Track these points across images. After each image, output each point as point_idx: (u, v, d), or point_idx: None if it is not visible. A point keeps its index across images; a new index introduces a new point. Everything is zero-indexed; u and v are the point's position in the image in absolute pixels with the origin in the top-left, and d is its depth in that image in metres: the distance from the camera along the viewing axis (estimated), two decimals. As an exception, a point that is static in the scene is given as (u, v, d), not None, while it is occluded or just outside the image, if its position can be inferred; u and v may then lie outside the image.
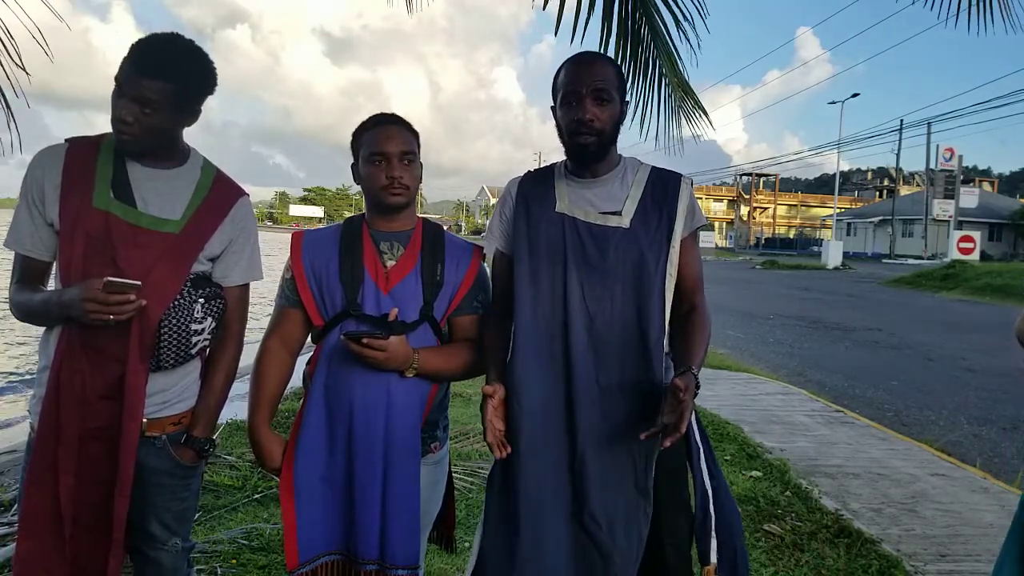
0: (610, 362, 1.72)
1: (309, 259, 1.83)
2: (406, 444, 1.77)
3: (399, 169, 1.77)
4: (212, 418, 1.85)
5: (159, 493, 1.80)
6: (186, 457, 1.81)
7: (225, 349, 1.86)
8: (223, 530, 3.25)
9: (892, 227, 43.74)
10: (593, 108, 1.73)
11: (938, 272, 23.59)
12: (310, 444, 1.78)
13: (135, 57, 1.62)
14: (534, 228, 1.80)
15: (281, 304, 1.89)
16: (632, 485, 1.72)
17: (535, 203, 1.83)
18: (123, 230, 1.67)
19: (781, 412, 6.08)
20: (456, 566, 3.04)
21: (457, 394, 6.01)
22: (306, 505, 1.78)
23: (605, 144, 1.77)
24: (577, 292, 1.74)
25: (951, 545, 3.47)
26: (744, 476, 4.26)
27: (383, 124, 1.81)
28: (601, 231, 1.76)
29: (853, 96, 41.28)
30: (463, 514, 3.54)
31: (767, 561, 3.17)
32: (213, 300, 1.78)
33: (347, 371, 1.75)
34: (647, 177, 1.83)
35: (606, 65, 1.80)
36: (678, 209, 1.79)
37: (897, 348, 10.61)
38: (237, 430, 4.93)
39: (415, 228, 1.87)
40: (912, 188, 64.84)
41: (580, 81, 1.74)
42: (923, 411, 6.69)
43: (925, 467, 4.69)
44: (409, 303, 1.79)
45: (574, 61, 1.80)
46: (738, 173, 69.01)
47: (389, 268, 1.80)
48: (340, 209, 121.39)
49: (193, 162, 1.82)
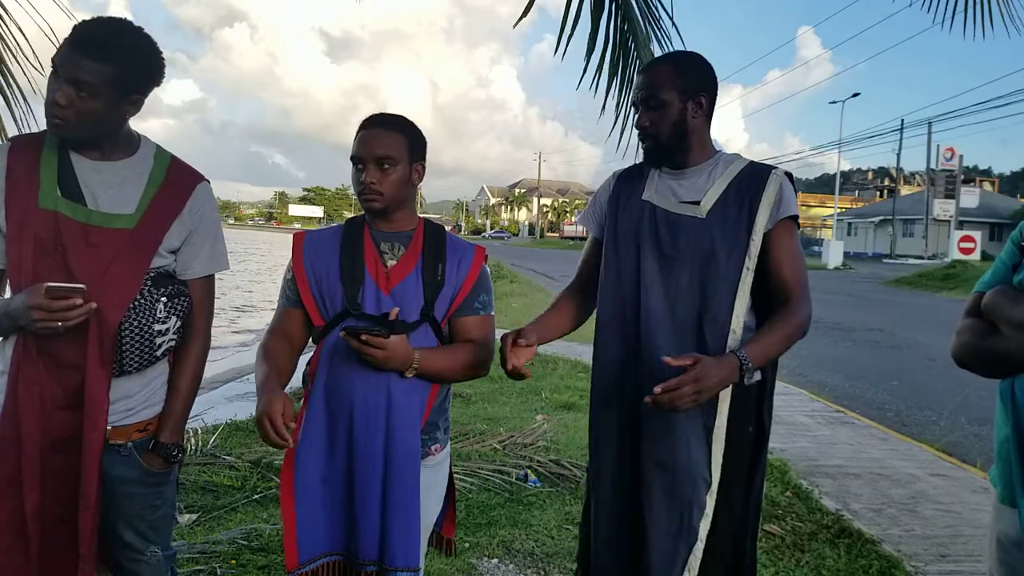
0: (671, 349, 1.73)
1: (310, 259, 1.82)
2: (406, 445, 1.76)
3: (372, 175, 1.75)
4: (180, 422, 1.76)
5: (130, 503, 1.72)
6: (155, 464, 1.73)
7: (191, 347, 1.76)
8: (222, 530, 3.25)
9: (893, 227, 43.73)
10: (646, 114, 1.83)
11: (939, 272, 23.58)
12: (311, 444, 1.77)
13: (74, 36, 1.52)
14: (621, 213, 1.91)
15: (282, 304, 1.87)
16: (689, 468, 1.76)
17: (626, 191, 1.94)
18: (73, 230, 1.58)
19: (781, 412, 6.07)
20: (456, 567, 3.03)
21: (457, 394, 6.01)
22: (306, 505, 1.77)
23: (666, 146, 1.84)
24: (649, 277, 1.81)
25: (951, 545, 3.46)
26: (744, 476, 4.25)
27: (368, 127, 1.79)
28: (677, 219, 1.82)
29: (854, 96, 41.31)
30: (463, 514, 3.54)
31: (767, 561, 3.17)
32: (177, 298, 1.69)
33: (347, 371, 1.74)
34: (738, 171, 1.84)
35: (658, 69, 1.87)
36: (762, 200, 1.77)
37: (898, 348, 10.61)
38: (236, 430, 4.93)
39: (416, 228, 1.86)
40: (913, 188, 64.84)
41: (635, 90, 1.89)
42: (924, 411, 6.69)
43: (926, 467, 4.69)
44: (410, 303, 1.78)
45: (639, 71, 1.99)
46: (738, 173, 68.84)
47: (390, 268, 1.79)
48: (340, 209, 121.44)
49: (144, 151, 1.71)
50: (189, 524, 3.36)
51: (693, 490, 1.73)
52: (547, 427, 5.05)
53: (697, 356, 1.59)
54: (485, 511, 3.60)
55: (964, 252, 29.60)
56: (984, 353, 1.47)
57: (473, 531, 3.38)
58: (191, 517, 3.44)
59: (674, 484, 1.74)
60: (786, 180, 1.80)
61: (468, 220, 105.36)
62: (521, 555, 3.18)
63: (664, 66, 1.88)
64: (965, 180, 44.71)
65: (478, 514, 3.57)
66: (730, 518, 1.77)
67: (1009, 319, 1.39)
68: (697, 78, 1.84)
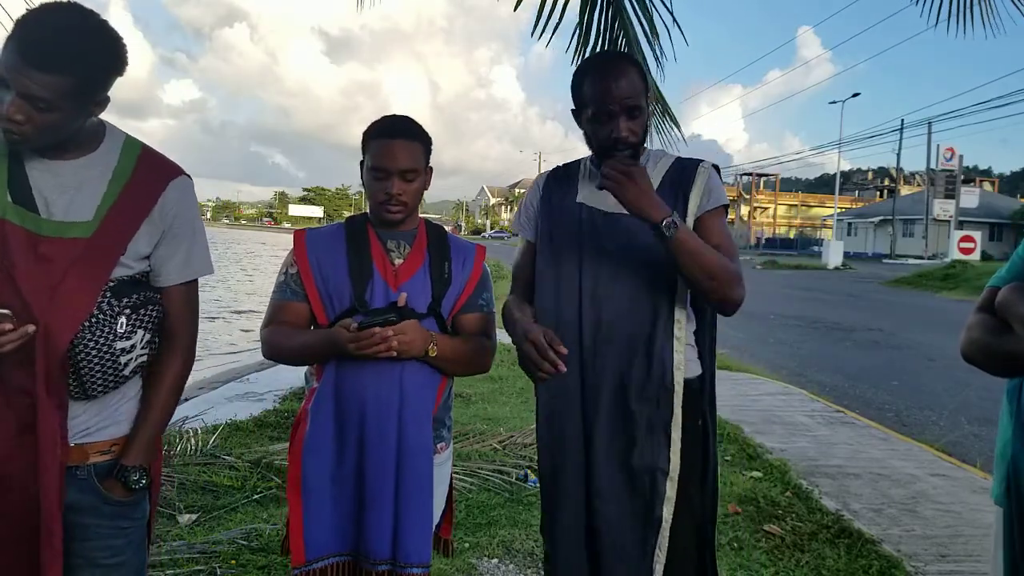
0: (621, 349, 1.76)
1: (316, 256, 1.81)
2: (420, 439, 1.77)
3: (398, 186, 1.75)
4: (149, 444, 1.53)
5: (83, 539, 1.48)
6: (114, 491, 1.49)
7: (170, 362, 1.56)
8: (223, 530, 3.25)
9: (892, 227, 43.73)
10: (627, 124, 1.73)
11: (939, 272, 23.60)
12: (319, 442, 1.76)
13: (19, 42, 1.30)
14: (555, 218, 1.86)
15: (282, 298, 1.84)
16: (638, 463, 1.76)
17: (557, 195, 1.89)
18: (20, 240, 1.39)
19: (781, 412, 6.07)
20: (456, 567, 3.03)
21: (457, 394, 6.01)
22: (316, 503, 1.76)
23: (639, 152, 1.80)
24: (591, 280, 1.79)
25: (951, 545, 3.46)
26: (744, 476, 4.25)
27: (390, 137, 1.78)
28: (616, 218, 1.79)
29: (854, 96, 41.36)
30: (463, 514, 3.54)
31: (767, 561, 3.17)
32: (143, 308, 1.49)
33: (358, 367, 1.73)
34: (668, 166, 1.85)
35: (632, 73, 1.76)
36: (692, 191, 1.79)
37: (897, 348, 10.61)
38: (236, 430, 4.93)
39: (418, 228, 1.88)
40: (913, 188, 64.83)
41: (611, 99, 1.72)
42: (924, 411, 6.69)
43: (926, 467, 4.69)
44: (418, 300, 1.79)
45: (599, 73, 1.77)
46: (738, 173, 68.97)
47: (398, 266, 1.80)
48: (340, 209, 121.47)
49: (110, 144, 1.50)
50: (189, 524, 3.36)
51: (653, 480, 1.75)
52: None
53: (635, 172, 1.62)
54: (485, 511, 3.60)
55: (964, 252, 29.62)
56: (994, 351, 1.42)
57: (473, 531, 3.38)
58: (191, 517, 3.44)
59: (635, 478, 1.75)
60: (714, 172, 1.84)
61: (468, 220, 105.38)
62: (521, 555, 3.18)
63: (632, 69, 1.77)
64: (965, 180, 44.71)
65: (478, 514, 3.57)
66: (689, 509, 1.79)
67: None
68: (647, 77, 1.84)
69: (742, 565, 3.12)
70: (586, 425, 1.78)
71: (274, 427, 5.16)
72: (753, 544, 3.32)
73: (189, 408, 5.76)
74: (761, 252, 49.95)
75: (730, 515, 3.63)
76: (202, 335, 1.78)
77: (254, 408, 5.69)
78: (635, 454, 1.75)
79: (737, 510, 3.70)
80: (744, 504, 3.77)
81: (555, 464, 1.83)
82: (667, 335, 1.76)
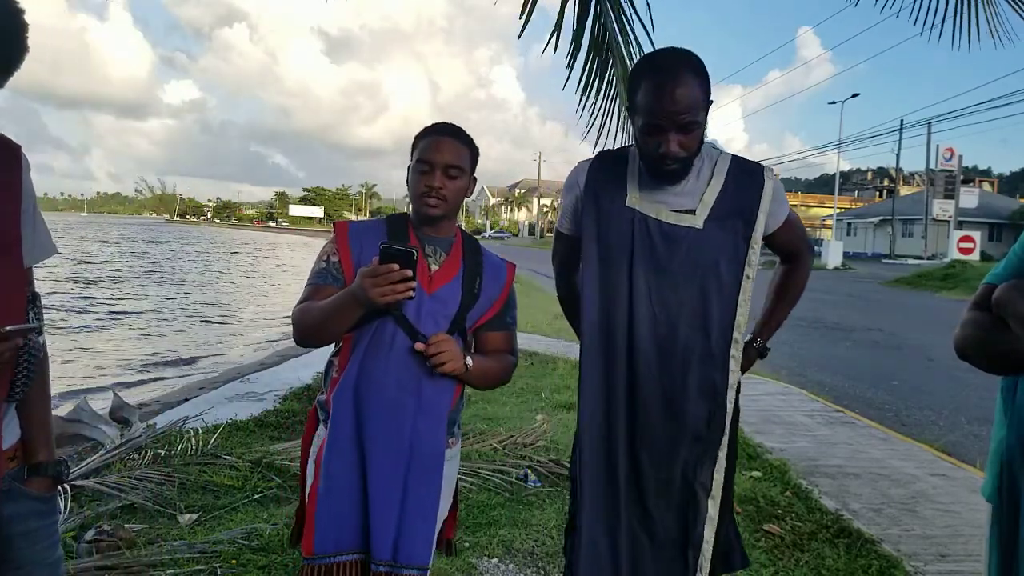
0: (674, 367, 1.70)
1: (359, 246, 1.81)
2: (433, 442, 1.78)
3: (440, 179, 1.76)
4: (52, 435, 1.52)
5: (31, 544, 1.44)
6: (45, 488, 1.47)
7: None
8: (223, 530, 3.25)
9: (892, 227, 43.72)
10: (679, 139, 1.61)
11: (938, 272, 23.60)
12: (339, 439, 1.75)
13: None
14: (604, 223, 1.74)
15: (320, 282, 1.80)
16: (685, 484, 1.74)
17: (605, 195, 1.76)
18: None
19: (781, 412, 6.08)
20: (456, 567, 3.03)
21: (457, 394, 6.01)
22: (334, 499, 1.75)
23: (690, 164, 1.68)
24: (644, 293, 1.70)
25: (951, 545, 3.46)
26: (744, 476, 4.25)
27: (438, 134, 1.81)
28: (673, 231, 1.69)
29: (853, 96, 41.27)
30: (463, 514, 3.54)
31: (767, 561, 3.17)
32: (37, 302, 1.43)
33: (384, 364, 1.74)
34: (727, 169, 1.75)
35: (691, 83, 1.59)
36: (760, 207, 1.71)
37: (897, 348, 10.62)
38: (236, 430, 4.93)
39: (456, 238, 1.88)
40: (912, 188, 64.85)
41: (664, 115, 1.59)
42: (923, 411, 6.69)
43: (925, 467, 4.69)
44: (448, 308, 1.80)
45: (654, 83, 1.60)
46: (738, 173, 68.94)
47: (433, 271, 1.81)
48: (340, 209, 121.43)
49: None
50: (189, 524, 3.37)
51: (695, 497, 1.73)
52: (547, 427, 5.05)
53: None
54: (485, 511, 3.61)
55: (963, 252, 29.62)
56: (990, 348, 1.42)
57: (473, 531, 3.39)
58: (191, 517, 3.45)
59: (679, 493, 1.73)
60: (778, 181, 1.79)
61: (468, 220, 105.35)
62: (521, 555, 3.18)
63: (693, 80, 1.60)
64: (964, 180, 44.71)
65: (478, 514, 3.57)
66: (721, 518, 1.78)
67: (1021, 316, 1.34)
68: (709, 84, 1.66)
69: (742, 565, 3.13)
70: (631, 437, 1.74)
71: (274, 427, 5.17)
72: (753, 544, 3.33)
73: (189, 408, 5.76)
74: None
75: (730, 515, 3.64)
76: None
77: (254, 408, 5.69)
78: (680, 470, 1.72)
79: (737, 510, 3.70)
80: (744, 504, 3.77)
81: (594, 473, 1.76)
82: (722, 350, 1.71)
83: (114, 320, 14.27)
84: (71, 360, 10.00)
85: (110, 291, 19.49)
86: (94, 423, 4.84)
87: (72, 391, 7.70)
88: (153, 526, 3.32)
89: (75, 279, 21.90)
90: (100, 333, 12.62)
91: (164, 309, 16.40)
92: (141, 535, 3.16)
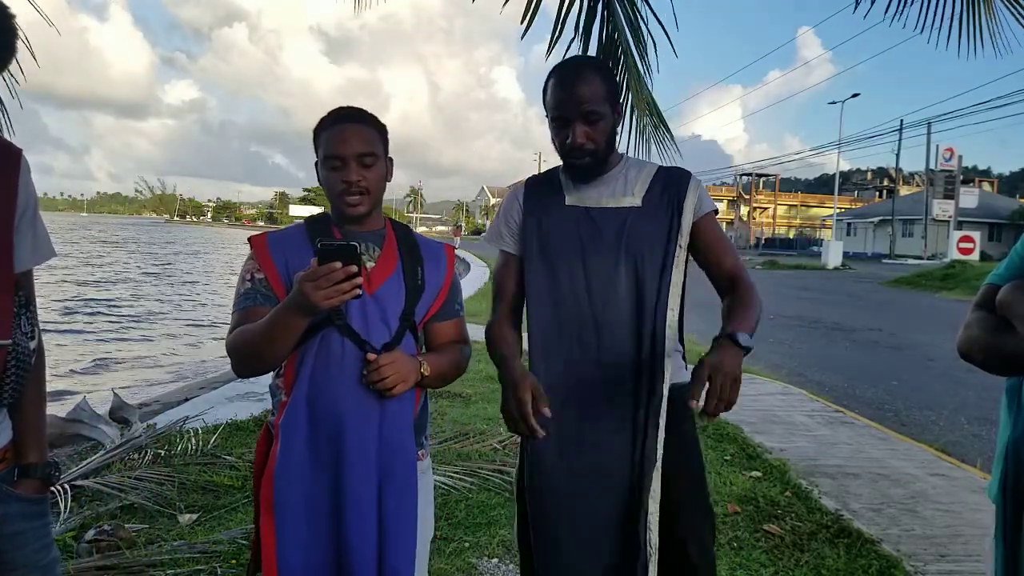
0: (630, 343, 1.75)
1: (283, 259, 1.67)
2: (402, 448, 1.67)
3: (356, 172, 1.64)
4: (44, 437, 1.51)
5: (20, 547, 1.43)
6: (33, 489, 1.46)
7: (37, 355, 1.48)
8: (223, 530, 3.25)
9: (892, 227, 43.75)
10: (583, 129, 1.71)
11: (938, 272, 23.61)
12: (292, 460, 1.62)
13: None
14: (546, 225, 1.81)
15: (249, 304, 1.66)
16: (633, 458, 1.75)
17: (544, 201, 1.85)
18: None
19: (781, 412, 6.08)
20: (456, 567, 3.03)
21: (457, 394, 6.01)
22: (291, 525, 1.62)
23: (601, 159, 1.78)
24: (596, 276, 1.76)
25: (951, 545, 3.46)
26: (744, 476, 4.26)
27: (339, 123, 1.67)
28: (615, 212, 1.78)
29: (853, 96, 41.30)
30: (463, 514, 3.54)
31: (767, 561, 3.17)
32: (31, 306, 1.43)
33: (337, 375, 1.61)
34: (655, 171, 1.85)
35: (592, 79, 1.73)
36: (687, 195, 1.80)
37: (897, 348, 10.62)
38: (236, 430, 4.93)
39: (385, 228, 1.77)
40: (912, 188, 64.86)
41: (567, 105, 1.71)
42: (923, 411, 6.69)
43: (925, 467, 4.69)
44: (392, 305, 1.69)
45: (558, 79, 1.75)
46: (738, 173, 69.05)
47: (371, 269, 1.68)
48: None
49: None
50: (190, 524, 3.37)
51: (642, 471, 1.74)
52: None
53: (709, 367, 1.49)
54: (485, 511, 3.61)
55: (963, 252, 29.63)
56: (994, 350, 1.41)
57: (473, 531, 3.38)
58: (191, 517, 3.45)
59: (625, 468, 1.75)
60: (702, 185, 1.87)
61: (468, 220, 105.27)
62: (521, 555, 3.18)
63: (595, 76, 1.73)
64: (964, 180, 44.73)
65: (478, 514, 3.57)
66: (697, 509, 1.83)
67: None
68: (616, 87, 1.83)
69: (742, 565, 3.13)
70: (581, 425, 1.76)
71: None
72: (753, 544, 3.33)
73: (189, 408, 5.76)
74: (761, 252, 49.95)
75: (730, 515, 3.64)
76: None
77: (254, 408, 5.69)
78: (628, 438, 1.75)
79: (737, 510, 3.70)
80: (744, 504, 3.77)
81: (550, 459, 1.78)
82: (660, 319, 1.75)
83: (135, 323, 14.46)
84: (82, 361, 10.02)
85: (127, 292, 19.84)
86: (94, 423, 4.84)
87: (71, 391, 7.71)
88: (153, 526, 3.32)
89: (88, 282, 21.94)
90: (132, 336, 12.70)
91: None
92: (141, 535, 3.16)
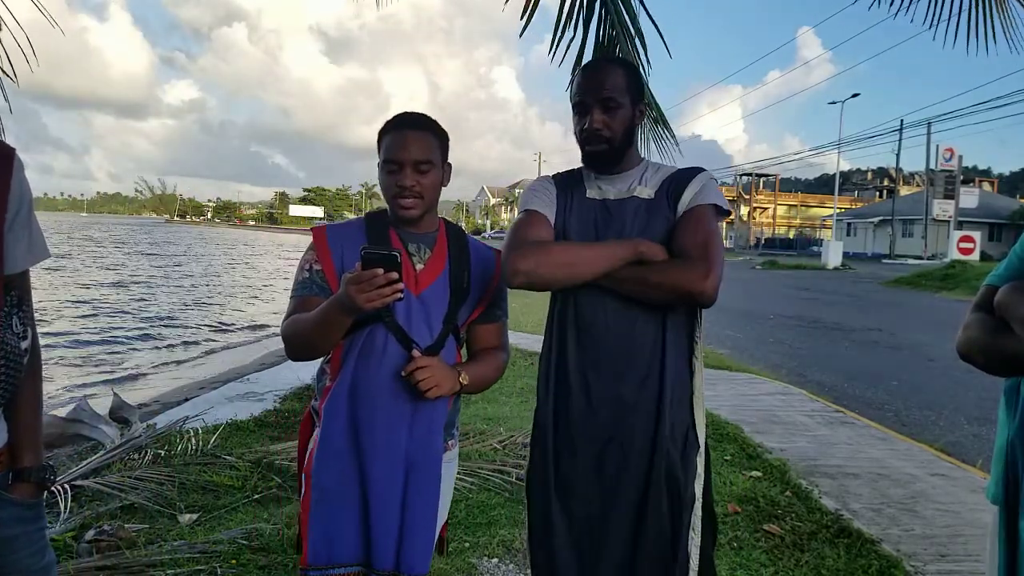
0: (623, 323, 1.77)
1: (339, 252, 1.74)
2: (430, 447, 1.74)
3: (411, 178, 1.70)
4: (40, 440, 1.49)
5: (13, 550, 1.43)
6: (28, 493, 1.45)
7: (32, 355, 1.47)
8: (223, 530, 3.25)
9: (892, 227, 43.73)
10: (601, 116, 1.77)
11: (938, 272, 23.61)
12: (332, 449, 1.70)
13: None
14: (571, 213, 1.87)
15: (305, 293, 1.74)
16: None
17: (568, 192, 1.90)
18: None
19: (781, 412, 6.08)
20: (456, 567, 3.03)
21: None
22: (325, 510, 1.71)
23: (617, 149, 1.81)
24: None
25: (951, 545, 3.47)
26: (744, 476, 4.26)
27: (401, 129, 1.74)
28: (629, 202, 1.83)
29: (853, 96, 41.31)
30: (463, 514, 3.54)
31: (767, 561, 3.17)
32: (24, 306, 1.42)
33: (377, 371, 1.69)
34: (670, 172, 1.89)
35: (615, 71, 1.82)
36: (687, 187, 1.83)
37: (897, 348, 10.62)
38: (236, 430, 4.93)
39: (439, 230, 1.83)
40: (912, 188, 64.86)
41: (588, 91, 1.79)
42: (923, 411, 6.69)
43: (925, 467, 4.69)
44: (437, 307, 1.75)
45: (583, 71, 1.86)
46: (738, 173, 69.00)
47: (419, 271, 1.75)
48: (340, 209, 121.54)
49: None
50: (190, 524, 3.37)
51: (683, 454, 1.75)
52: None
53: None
54: (485, 511, 3.61)
55: (963, 252, 29.63)
56: (993, 351, 1.41)
57: (473, 531, 3.39)
58: (191, 517, 3.45)
59: (661, 453, 1.74)
60: (712, 179, 1.87)
61: (468, 220, 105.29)
62: (521, 555, 3.18)
63: (618, 69, 1.84)
64: (964, 180, 44.73)
65: (478, 514, 3.57)
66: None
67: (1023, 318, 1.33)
68: (641, 87, 1.87)
69: (742, 564, 3.13)
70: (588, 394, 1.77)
71: (274, 427, 5.17)
72: (753, 544, 3.33)
73: (189, 408, 5.77)
74: (761, 252, 49.98)
75: (730, 515, 3.64)
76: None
77: (254, 408, 5.70)
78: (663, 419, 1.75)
79: (737, 510, 3.70)
80: (744, 504, 3.77)
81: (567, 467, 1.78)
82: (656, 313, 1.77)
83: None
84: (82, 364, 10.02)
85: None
86: (94, 423, 4.85)
87: (70, 391, 7.71)
88: (153, 526, 3.32)
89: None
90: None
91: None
92: (141, 535, 3.16)
